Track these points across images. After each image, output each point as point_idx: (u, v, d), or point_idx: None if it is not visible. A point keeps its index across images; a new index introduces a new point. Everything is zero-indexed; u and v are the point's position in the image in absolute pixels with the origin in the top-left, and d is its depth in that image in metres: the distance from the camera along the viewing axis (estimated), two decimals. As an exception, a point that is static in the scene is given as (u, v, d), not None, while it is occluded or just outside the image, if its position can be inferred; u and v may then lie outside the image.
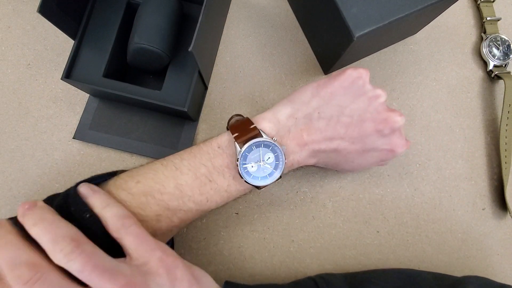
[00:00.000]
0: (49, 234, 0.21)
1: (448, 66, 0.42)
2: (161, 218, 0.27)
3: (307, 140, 0.29)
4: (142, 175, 0.28)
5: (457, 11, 0.44)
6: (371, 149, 0.30)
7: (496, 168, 0.40)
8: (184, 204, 0.27)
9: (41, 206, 0.24)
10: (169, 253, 0.25)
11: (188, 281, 0.24)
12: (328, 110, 0.29)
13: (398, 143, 0.31)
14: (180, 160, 0.28)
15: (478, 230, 0.38)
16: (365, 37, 0.30)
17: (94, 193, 0.25)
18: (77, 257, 0.20)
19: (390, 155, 0.31)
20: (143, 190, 0.27)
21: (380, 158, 0.32)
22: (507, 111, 0.39)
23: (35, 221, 0.22)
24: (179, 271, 0.24)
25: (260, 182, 0.28)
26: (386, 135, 0.30)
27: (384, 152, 0.31)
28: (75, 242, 0.21)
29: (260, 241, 0.36)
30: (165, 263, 0.24)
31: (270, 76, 0.40)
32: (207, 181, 0.28)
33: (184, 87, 0.34)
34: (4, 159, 0.37)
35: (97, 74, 0.34)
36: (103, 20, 0.35)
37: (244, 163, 0.28)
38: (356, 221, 0.37)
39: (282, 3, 0.43)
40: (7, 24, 0.40)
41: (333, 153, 0.30)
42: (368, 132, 0.29)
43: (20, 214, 0.23)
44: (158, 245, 0.25)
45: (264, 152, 0.28)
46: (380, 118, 0.29)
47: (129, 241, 0.23)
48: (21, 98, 0.38)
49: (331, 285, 0.28)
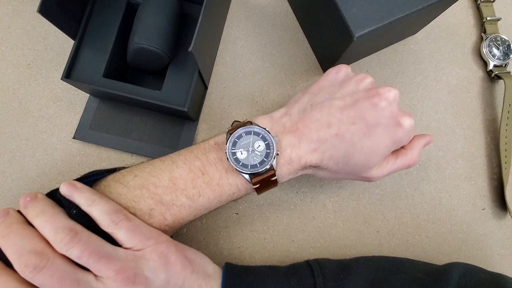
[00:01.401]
0: (50, 225, 0.23)
1: (448, 66, 0.42)
2: (154, 213, 0.27)
3: (303, 130, 0.28)
4: (140, 169, 0.28)
5: (457, 11, 0.44)
6: (374, 125, 0.29)
7: (496, 168, 0.40)
8: (177, 199, 0.27)
9: (42, 198, 0.25)
10: (162, 239, 0.26)
11: (181, 264, 0.25)
12: (318, 99, 0.30)
13: (400, 114, 0.29)
14: (177, 155, 0.29)
15: (478, 230, 0.38)
16: (365, 37, 0.30)
17: (76, 191, 0.25)
18: (75, 245, 0.22)
19: (400, 130, 0.29)
20: (140, 183, 0.27)
21: (389, 135, 0.29)
22: (507, 111, 0.39)
23: (37, 213, 0.24)
24: (172, 256, 0.25)
25: (250, 170, 0.27)
26: (384, 107, 0.29)
27: (391, 127, 0.29)
28: (73, 232, 0.23)
29: (260, 241, 0.36)
30: (159, 249, 0.25)
31: (270, 76, 0.40)
32: (200, 174, 0.28)
33: (184, 87, 0.34)
34: (4, 159, 0.37)
35: (97, 74, 0.34)
36: (103, 20, 0.35)
37: (233, 149, 0.28)
38: (356, 221, 0.37)
39: (282, 3, 0.43)
40: (7, 24, 0.40)
41: (336, 140, 0.28)
42: (365, 107, 0.29)
43: (22, 206, 0.25)
44: (151, 233, 0.26)
45: (254, 140, 0.28)
46: (372, 93, 0.29)
47: (121, 235, 0.24)
48: (21, 98, 0.38)
49: (324, 267, 0.29)
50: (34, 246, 0.22)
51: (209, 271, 0.27)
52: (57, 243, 0.23)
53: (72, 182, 0.26)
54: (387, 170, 0.31)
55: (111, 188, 0.27)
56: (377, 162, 0.30)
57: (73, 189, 0.25)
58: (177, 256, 0.25)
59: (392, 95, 0.29)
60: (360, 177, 0.31)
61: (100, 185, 0.28)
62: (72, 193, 0.25)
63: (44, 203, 0.25)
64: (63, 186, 0.25)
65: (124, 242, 0.24)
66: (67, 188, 0.25)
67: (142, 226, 0.25)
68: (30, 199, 0.25)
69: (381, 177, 0.32)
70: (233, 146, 0.28)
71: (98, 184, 0.28)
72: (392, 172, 0.32)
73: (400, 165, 0.32)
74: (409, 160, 0.32)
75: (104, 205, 0.25)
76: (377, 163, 0.30)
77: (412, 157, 0.32)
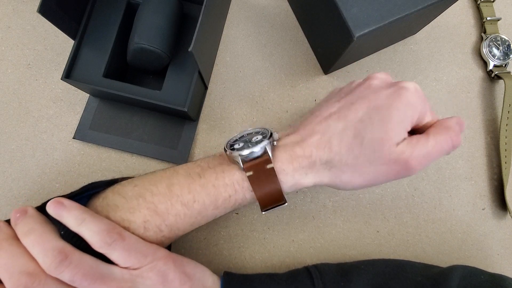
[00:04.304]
0: (39, 246, 0.22)
1: (448, 66, 0.42)
2: (149, 226, 0.26)
3: (304, 128, 0.28)
4: (141, 179, 0.28)
5: (457, 11, 0.44)
6: (375, 98, 0.26)
7: (496, 168, 0.40)
8: (172, 207, 0.26)
9: (31, 215, 0.24)
10: (159, 255, 0.25)
11: (180, 280, 0.25)
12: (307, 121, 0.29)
13: (399, 81, 0.27)
14: (181, 166, 0.29)
15: (478, 230, 0.38)
16: (365, 37, 0.30)
17: (64, 209, 0.24)
18: (65, 269, 0.22)
19: (405, 92, 0.26)
20: (137, 193, 0.26)
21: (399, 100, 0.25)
22: (507, 111, 0.39)
23: (26, 232, 0.23)
24: (170, 273, 0.24)
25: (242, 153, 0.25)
26: (378, 83, 0.28)
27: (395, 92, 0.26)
28: (62, 255, 0.22)
29: (260, 241, 0.36)
30: (156, 267, 0.24)
31: (270, 76, 0.40)
32: (198, 178, 0.27)
33: (184, 87, 0.34)
34: (4, 159, 0.37)
35: (97, 74, 0.34)
36: (103, 20, 0.35)
37: (232, 144, 0.28)
38: (356, 221, 0.37)
39: (282, 3, 0.43)
40: (7, 24, 0.40)
41: (340, 124, 0.26)
42: (360, 91, 0.28)
43: (13, 222, 0.24)
44: (148, 249, 0.25)
45: (254, 135, 0.28)
46: (363, 82, 0.29)
47: (116, 256, 0.23)
48: (21, 98, 0.38)
49: (324, 274, 0.29)
50: (25, 265, 0.22)
51: (209, 284, 0.27)
52: (47, 266, 0.22)
53: (59, 200, 0.24)
54: (423, 150, 0.26)
55: (108, 200, 0.26)
56: (398, 132, 0.25)
57: (60, 208, 0.24)
58: (175, 273, 0.25)
59: (383, 75, 0.29)
60: (393, 163, 0.26)
61: (99, 197, 0.27)
62: (60, 212, 0.24)
63: (34, 220, 0.24)
64: (49, 205, 0.24)
65: (120, 262, 0.23)
66: (53, 208, 0.24)
67: (137, 244, 0.24)
68: (19, 216, 0.24)
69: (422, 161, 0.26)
70: (233, 142, 0.29)
71: (96, 196, 0.27)
72: (432, 154, 0.26)
73: (437, 143, 0.26)
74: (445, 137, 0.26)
75: (95, 225, 0.23)
76: (400, 134, 0.26)
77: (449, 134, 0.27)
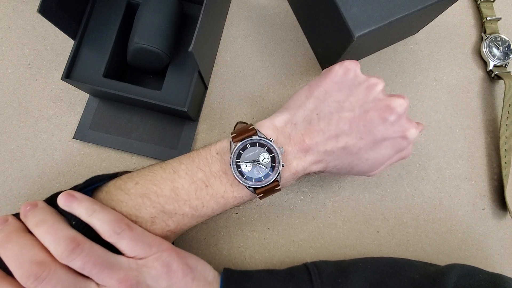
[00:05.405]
0: (51, 236, 0.23)
1: (448, 66, 0.42)
2: (156, 220, 0.27)
3: (310, 144, 0.28)
4: (141, 176, 0.28)
5: (457, 11, 0.44)
6: (381, 139, 0.28)
7: (496, 168, 0.40)
8: (180, 208, 0.27)
9: (42, 207, 0.25)
10: (164, 247, 0.26)
11: (183, 271, 0.26)
12: (326, 109, 0.28)
13: (408, 127, 0.29)
14: (178, 164, 0.28)
15: (478, 230, 0.38)
16: (365, 37, 0.30)
17: (75, 201, 0.25)
18: (77, 256, 0.22)
19: (404, 142, 0.29)
20: (141, 191, 0.27)
21: (394, 148, 0.29)
22: (507, 111, 0.39)
23: (37, 222, 0.24)
24: (174, 264, 0.25)
25: (254, 183, 0.27)
26: (394, 122, 0.28)
27: (397, 140, 0.29)
28: (74, 243, 0.23)
29: (260, 241, 0.36)
30: (161, 257, 0.25)
31: (270, 76, 0.40)
32: (204, 186, 0.27)
33: (184, 87, 0.34)
34: (4, 159, 0.37)
35: (97, 74, 0.34)
36: (103, 20, 0.35)
37: (238, 162, 0.27)
38: (356, 221, 0.37)
39: (282, 3, 0.43)
40: (7, 24, 0.40)
41: (343, 153, 0.28)
42: (374, 122, 0.28)
43: (22, 215, 0.25)
44: (154, 240, 0.26)
45: (259, 152, 0.27)
46: (383, 105, 0.28)
47: (123, 245, 0.24)
48: (21, 98, 0.38)
49: (322, 271, 0.29)
50: (35, 255, 0.22)
51: (210, 278, 0.27)
52: (59, 254, 0.22)
53: (70, 193, 0.25)
54: (385, 167, 0.32)
55: (112, 195, 0.27)
56: (378, 168, 0.31)
57: (71, 199, 0.25)
58: (179, 264, 0.26)
59: (402, 109, 0.28)
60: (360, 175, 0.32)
61: (102, 191, 0.27)
62: (71, 204, 0.25)
63: (45, 212, 0.24)
64: (60, 198, 0.25)
65: (127, 251, 0.24)
66: (64, 200, 0.25)
67: (144, 235, 0.25)
68: (30, 208, 0.24)
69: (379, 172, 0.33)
70: (237, 158, 0.27)
71: (99, 191, 0.28)
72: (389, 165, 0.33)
73: (397, 159, 0.32)
74: (404, 153, 0.32)
75: (105, 215, 0.25)
76: (378, 169, 0.31)
77: (407, 149, 0.32)
